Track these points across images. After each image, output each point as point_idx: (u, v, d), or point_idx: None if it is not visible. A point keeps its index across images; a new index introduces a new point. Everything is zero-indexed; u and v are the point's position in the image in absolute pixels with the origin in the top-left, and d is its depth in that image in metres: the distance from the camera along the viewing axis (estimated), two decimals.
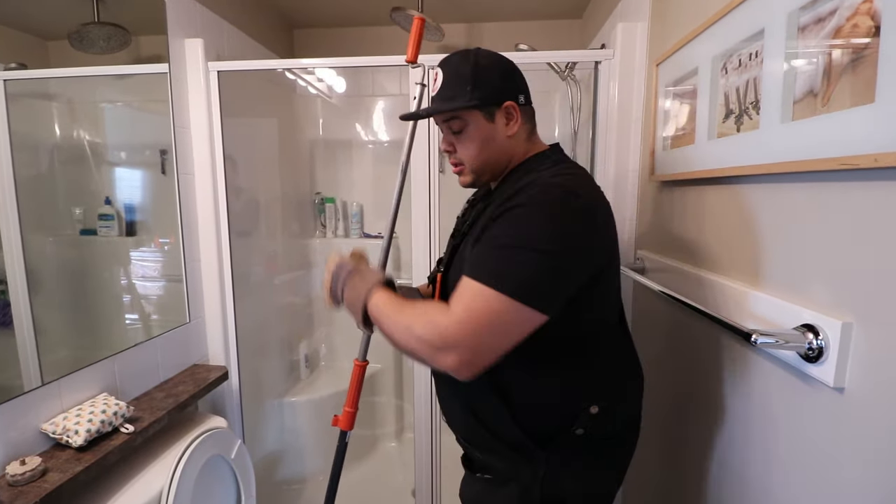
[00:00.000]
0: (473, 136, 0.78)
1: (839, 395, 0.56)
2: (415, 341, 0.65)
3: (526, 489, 0.76)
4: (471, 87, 0.75)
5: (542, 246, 0.63)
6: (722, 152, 0.80)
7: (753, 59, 0.71)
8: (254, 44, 1.74)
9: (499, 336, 0.63)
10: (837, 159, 0.54)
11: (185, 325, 1.38)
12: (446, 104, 0.77)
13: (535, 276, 0.63)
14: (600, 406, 0.73)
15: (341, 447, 1.00)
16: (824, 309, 0.58)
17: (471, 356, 0.62)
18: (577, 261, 0.66)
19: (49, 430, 0.93)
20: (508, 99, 0.77)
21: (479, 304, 0.62)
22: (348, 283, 0.79)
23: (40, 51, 1.03)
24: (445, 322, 0.63)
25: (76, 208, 1.12)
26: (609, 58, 1.29)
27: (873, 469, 0.52)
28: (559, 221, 0.65)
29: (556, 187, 0.68)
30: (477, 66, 0.76)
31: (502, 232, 0.66)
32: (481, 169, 0.80)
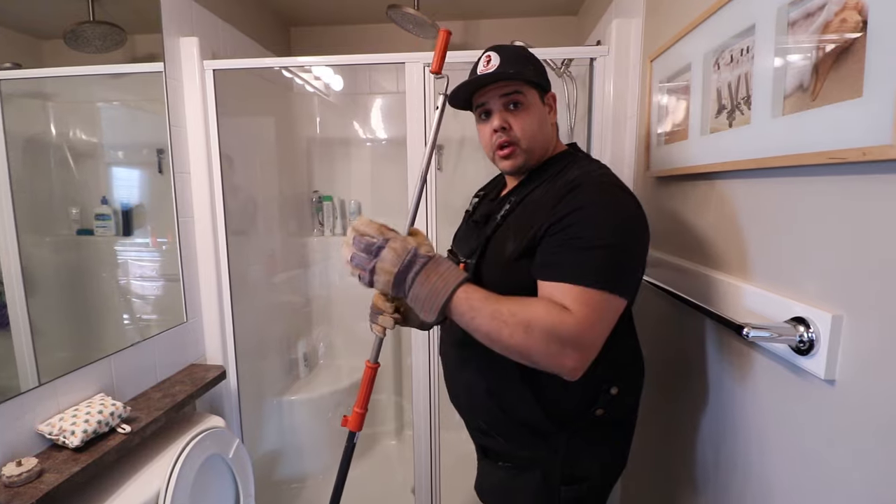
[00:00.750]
0: (532, 114, 0.80)
1: (830, 386, 0.56)
2: (531, 340, 0.64)
3: (548, 472, 0.79)
4: (534, 68, 0.80)
5: (619, 241, 0.68)
6: (714, 147, 0.80)
7: (745, 54, 0.72)
8: (250, 42, 1.74)
9: (605, 331, 0.68)
10: (826, 153, 0.55)
11: (182, 325, 1.38)
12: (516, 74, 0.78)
13: (624, 271, 0.69)
14: (620, 387, 0.78)
15: (349, 448, 0.99)
16: (815, 302, 0.58)
17: (590, 355, 0.66)
18: (644, 247, 0.73)
19: (45, 430, 0.94)
20: (550, 90, 0.83)
21: (592, 305, 0.65)
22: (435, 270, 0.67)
23: (35, 50, 1.02)
24: (564, 323, 0.63)
25: (73, 208, 1.12)
26: (604, 54, 1.29)
27: (863, 459, 0.53)
28: (626, 217, 0.70)
29: (609, 184, 0.73)
30: (532, 55, 0.82)
31: (583, 233, 0.68)
32: (531, 151, 0.80)
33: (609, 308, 0.67)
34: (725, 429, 0.81)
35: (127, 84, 1.28)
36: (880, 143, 0.47)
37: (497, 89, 0.79)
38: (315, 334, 2.26)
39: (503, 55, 0.79)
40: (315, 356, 2.24)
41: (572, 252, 0.68)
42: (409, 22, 1.74)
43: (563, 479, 0.79)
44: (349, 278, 2.38)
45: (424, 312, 0.68)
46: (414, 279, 0.67)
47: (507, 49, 0.80)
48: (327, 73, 2.18)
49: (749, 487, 0.74)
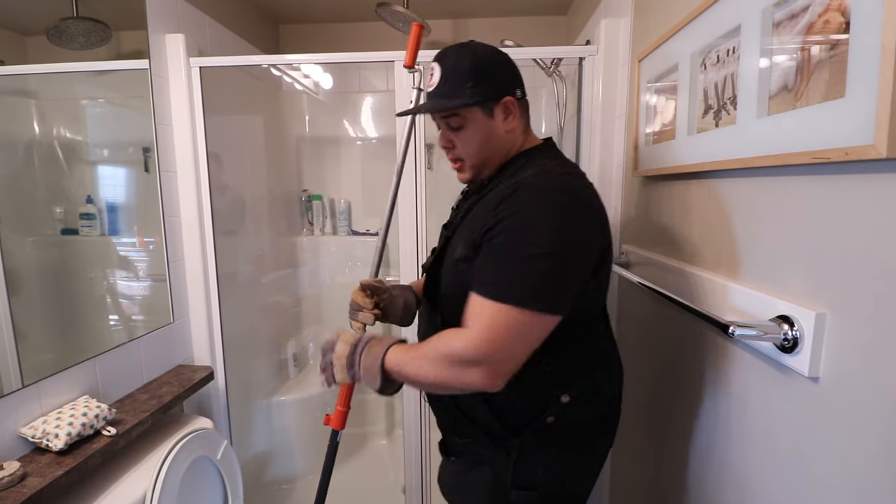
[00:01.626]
0: (473, 132, 0.77)
1: (814, 384, 0.57)
2: (439, 370, 0.67)
3: (498, 474, 0.78)
4: (472, 84, 0.74)
5: (547, 250, 0.64)
6: (701, 147, 0.81)
7: (731, 54, 0.72)
8: (238, 40, 1.72)
9: (520, 346, 0.66)
10: (810, 153, 0.55)
11: (169, 326, 1.36)
12: (446, 101, 0.76)
13: (546, 282, 0.65)
14: (571, 395, 0.75)
15: (332, 447, 1.00)
16: (799, 300, 0.59)
17: (496, 368, 0.65)
18: (580, 259, 0.68)
19: (28, 434, 0.92)
20: (507, 94, 0.76)
21: (498, 320, 0.64)
22: (367, 351, 0.74)
23: (18, 47, 1.00)
24: (464, 344, 0.65)
25: (57, 207, 1.10)
26: (593, 54, 1.30)
27: (846, 456, 0.53)
28: (560, 222, 0.66)
29: (552, 187, 0.69)
30: (475, 60, 0.75)
31: (506, 242, 0.66)
32: (481, 165, 0.80)
33: (522, 323, 0.64)
34: (712, 427, 0.82)
35: (112, 81, 1.26)
36: (862, 143, 0.48)
37: (438, 112, 0.78)
38: (305, 334, 2.25)
39: (443, 69, 0.76)
40: (305, 356, 2.23)
41: (492, 263, 0.67)
42: (399, 20, 1.73)
43: (514, 483, 0.77)
44: (338, 278, 2.37)
45: (373, 384, 0.73)
46: (359, 361, 0.74)
47: (449, 60, 0.76)
48: (317, 72, 2.16)
49: (734, 485, 0.75)
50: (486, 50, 0.77)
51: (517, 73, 0.80)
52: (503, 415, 0.77)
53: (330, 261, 2.23)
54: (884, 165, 0.48)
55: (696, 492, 0.88)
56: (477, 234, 0.71)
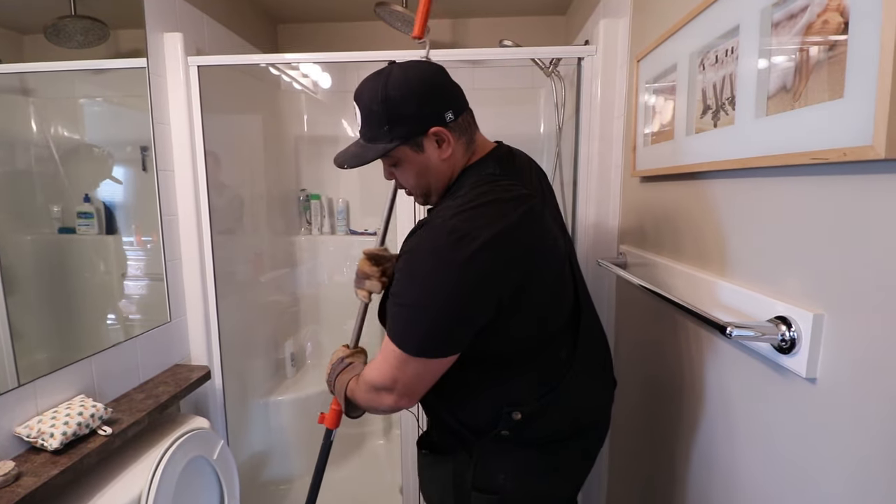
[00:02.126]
0: (407, 168, 0.76)
1: (811, 385, 0.57)
2: (365, 395, 0.77)
3: (460, 471, 0.81)
4: (388, 127, 0.71)
5: (431, 301, 0.66)
6: (699, 148, 0.81)
7: (729, 55, 0.72)
8: (236, 39, 1.71)
9: (416, 381, 0.71)
10: (808, 153, 0.55)
11: (166, 325, 1.36)
12: (368, 150, 0.74)
13: (431, 331, 0.67)
14: (522, 413, 0.74)
15: (326, 445, 1.00)
16: (797, 301, 0.59)
17: (398, 394, 0.73)
18: (470, 307, 0.67)
19: (23, 433, 0.91)
20: (433, 125, 0.71)
21: (389, 357, 0.70)
22: (339, 377, 0.88)
23: (16, 45, 1.00)
24: (371, 374, 0.75)
25: (54, 206, 1.10)
26: (591, 54, 1.30)
27: (843, 457, 0.53)
28: (446, 273, 0.64)
29: (446, 230, 0.65)
30: (387, 101, 0.70)
31: (397, 288, 0.69)
32: (426, 193, 0.81)
33: (412, 366, 0.69)
34: (709, 427, 0.82)
35: (110, 80, 1.26)
36: (861, 144, 0.48)
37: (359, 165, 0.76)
38: (303, 334, 2.25)
39: (361, 111, 0.74)
40: (303, 356, 2.23)
41: (390, 301, 0.71)
42: (398, 20, 1.73)
43: (475, 484, 0.78)
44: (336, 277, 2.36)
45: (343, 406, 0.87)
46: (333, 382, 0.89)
47: (363, 100, 0.73)
48: (315, 71, 2.16)
49: (732, 486, 0.75)
50: (400, 81, 0.70)
51: (446, 93, 0.74)
52: (465, 421, 0.79)
53: (328, 260, 2.23)
54: (882, 166, 0.48)
55: (693, 492, 0.88)
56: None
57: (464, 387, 0.77)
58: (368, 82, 0.74)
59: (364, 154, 0.74)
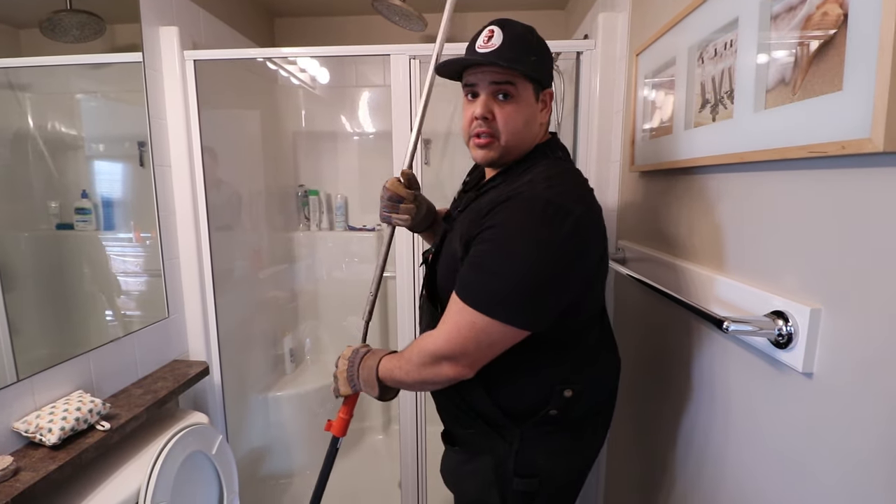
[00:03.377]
0: (519, 109, 0.74)
1: (808, 380, 0.57)
2: (419, 369, 0.73)
3: (500, 462, 0.79)
4: (535, 59, 0.73)
5: (522, 266, 0.65)
6: (698, 142, 0.80)
7: (728, 48, 0.72)
8: (233, 33, 1.70)
9: (485, 348, 0.70)
10: (806, 147, 0.55)
11: (164, 320, 1.36)
12: (520, 62, 0.71)
13: (516, 296, 0.66)
14: (574, 390, 0.76)
15: (332, 452, 0.98)
16: (794, 295, 0.59)
17: (464, 364, 0.70)
18: (562, 279, 0.67)
19: (22, 428, 0.91)
20: (550, 86, 0.77)
21: (462, 323, 0.68)
22: (363, 364, 0.83)
23: (12, 40, 0.99)
24: (433, 342, 0.71)
25: (52, 202, 1.09)
26: (591, 48, 1.29)
27: (840, 452, 0.53)
28: (538, 239, 0.65)
29: (542, 202, 0.66)
30: (539, 41, 0.75)
31: (486, 252, 0.68)
32: (513, 146, 0.76)
33: (487, 330, 0.67)
34: (705, 421, 0.82)
35: (107, 75, 1.25)
36: (859, 137, 0.48)
37: (489, 73, 0.73)
38: (301, 329, 2.25)
39: (507, 35, 0.72)
40: (302, 351, 2.23)
41: (472, 267, 0.70)
42: (396, 13, 1.72)
43: (517, 470, 0.79)
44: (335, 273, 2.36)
45: (373, 392, 0.82)
46: (357, 373, 0.83)
47: (513, 28, 0.73)
48: (313, 66, 2.15)
49: (728, 479, 0.75)
50: (540, 37, 0.76)
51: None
52: (505, 406, 0.78)
53: (327, 256, 2.23)
54: (880, 159, 0.47)
55: (689, 485, 0.88)
56: (468, 234, 0.72)
57: (514, 366, 0.76)
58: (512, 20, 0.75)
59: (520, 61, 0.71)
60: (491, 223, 0.68)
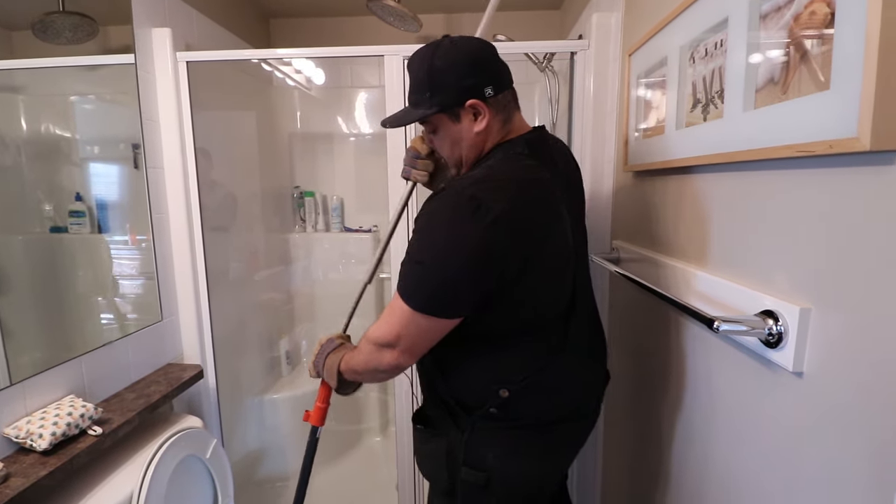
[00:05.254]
0: (444, 136, 0.81)
1: (798, 379, 0.57)
2: (366, 355, 0.79)
3: (452, 448, 0.83)
4: (429, 94, 0.76)
5: (443, 261, 0.69)
6: (689, 141, 0.80)
7: (719, 48, 0.71)
8: (227, 34, 1.69)
9: (416, 336, 0.74)
10: (795, 146, 0.55)
11: (157, 324, 1.35)
12: (409, 113, 0.80)
13: (438, 289, 0.70)
14: (510, 391, 0.77)
15: (312, 443, 1.01)
16: (784, 295, 0.59)
17: (401, 350, 0.75)
18: (478, 271, 0.69)
19: (12, 434, 0.91)
20: (471, 97, 0.75)
21: (395, 312, 0.73)
22: (329, 356, 0.91)
23: (4, 42, 0.99)
24: (375, 329, 0.77)
25: (46, 205, 1.09)
26: (584, 48, 1.29)
27: (829, 450, 0.53)
28: (460, 234, 0.68)
29: (466, 196, 0.68)
30: (432, 70, 0.75)
31: (411, 245, 0.73)
32: (458, 163, 0.84)
33: (416, 322, 0.72)
34: (698, 421, 0.82)
35: (100, 77, 1.24)
36: (847, 136, 0.48)
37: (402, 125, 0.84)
38: (297, 331, 2.24)
39: (410, 77, 0.79)
40: (298, 354, 2.22)
41: (406, 254, 0.74)
42: (390, 14, 1.71)
43: (466, 460, 0.81)
44: (331, 274, 2.35)
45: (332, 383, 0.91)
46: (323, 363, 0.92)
47: (413, 66, 0.79)
48: (308, 67, 2.14)
49: (719, 479, 0.75)
50: (448, 53, 0.75)
51: (489, 69, 0.77)
52: (457, 395, 0.82)
53: (323, 257, 2.22)
54: (867, 158, 0.47)
55: (680, 485, 0.88)
56: None
57: (461, 359, 0.80)
58: (421, 51, 0.79)
59: (405, 117, 0.80)
60: (422, 212, 0.73)
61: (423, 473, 0.92)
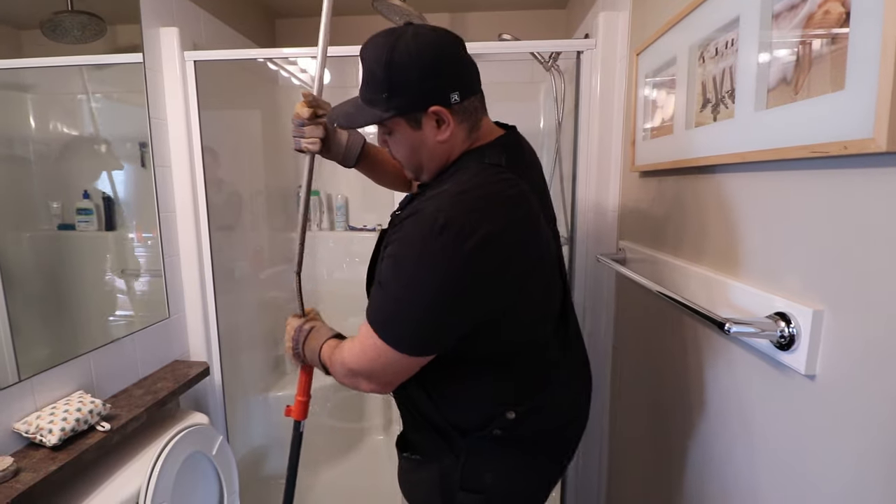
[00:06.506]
0: (400, 141, 0.71)
1: (811, 381, 0.57)
2: (344, 376, 0.75)
3: (446, 473, 0.78)
4: (386, 95, 0.65)
5: (420, 298, 0.62)
6: (699, 141, 0.80)
7: (729, 47, 0.71)
8: (234, 34, 1.70)
9: (390, 373, 0.69)
10: (808, 147, 0.54)
11: (164, 321, 1.36)
12: (363, 113, 0.68)
13: (413, 328, 0.64)
14: (517, 412, 0.73)
15: (296, 437, 1.01)
16: (796, 297, 0.58)
17: (377, 383, 0.71)
18: (461, 309, 0.64)
19: (22, 429, 0.91)
20: (434, 103, 0.65)
21: (367, 345, 0.67)
22: (306, 345, 0.84)
23: (13, 41, 0.99)
24: (349, 357, 0.72)
25: (53, 202, 1.10)
26: (591, 48, 1.28)
27: (842, 454, 0.53)
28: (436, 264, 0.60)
29: (441, 223, 0.60)
30: (391, 66, 0.63)
31: (385, 275, 0.66)
32: (416, 170, 0.75)
33: (389, 357, 0.66)
34: (708, 424, 0.81)
35: (108, 76, 1.25)
36: (862, 137, 0.47)
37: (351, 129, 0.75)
38: None
39: (364, 70, 0.68)
40: None
41: (377, 284, 0.68)
42: (396, 14, 1.71)
43: (463, 484, 0.76)
44: (336, 273, 2.35)
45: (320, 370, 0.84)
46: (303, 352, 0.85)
47: (368, 58, 0.67)
48: (313, 66, 2.14)
49: (731, 482, 0.75)
50: (409, 47, 0.64)
51: (455, 73, 0.67)
52: (452, 420, 0.76)
53: (328, 256, 2.22)
54: (883, 159, 0.47)
55: (692, 488, 0.88)
56: (383, 248, 0.70)
57: (457, 385, 0.74)
58: (377, 39, 0.66)
59: (357, 117, 0.69)
60: (394, 238, 0.65)
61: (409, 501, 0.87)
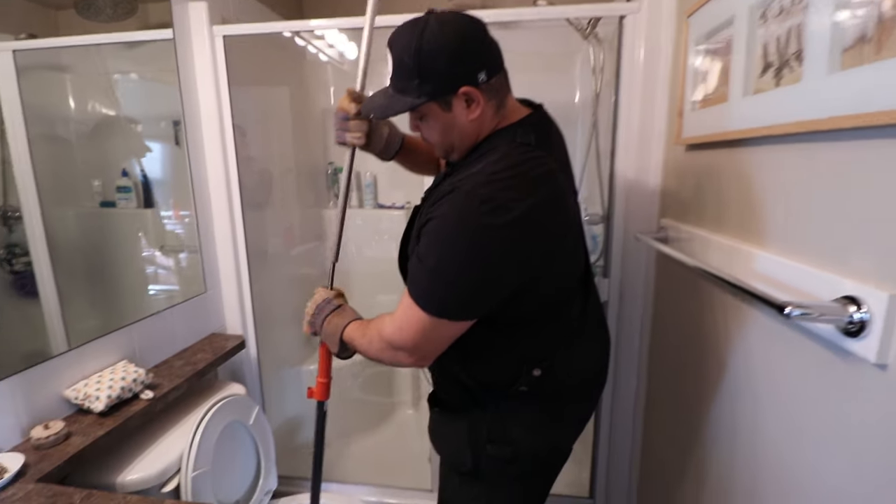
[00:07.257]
0: (433, 124, 0.75)
1: (881, 371, 0.52)
2: (378, 350, 0.77)
3: (474, 426, 0.83)
4: (418, 81, 0.70)
5: (460, 267, 0.66)
6: (758, 110, 0.73)
7: (797, 4, 0.64)
8: (261, 7, 1.68)
9: (433, 342, 0.73)
10: (890, 112, 0.48)
11: (202, 295, 1.39)
12: (396, 101, 0.73)
13: (455, 295, 0.68)
14: (543, 368, 0.78)
15: (320, 417, 1.04)
16: (868, 279, 0.53)
17: (417, 355, 0.74)
18: (498, 275, 0.68)
19: (71, 395, 0.96)
20: (464, 84, 0.69)
21: (411, 318, 0.70)
22: (329, 319, 0.87)
23: (49, 20, 1.01)
24: (389, 331, 0.74)
25: (95, 180, 1.13)
26: (635, 12, 1.20)
27: None
28: (478, 242, 0.65)
29: (479, 198, 0.65)
30: (420, 54, 0.68)
31: (424, 249, 0.70)
32: (447, 150, 0.79)
33: (431, 326, 0.69)
34: (756, 415, 0.77)
35: (142, 55, 1.26)
36: None
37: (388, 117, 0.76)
38: None
39: (394, 59, 0.71)
40: None
41: (417, 258, 0.71)
42: None
43: (490, 436, 0.81)
44: (365, 250, 2.36)
45: (332, 348, 0.87)
46: (322, 325, 0.88)
47: (397, 48, 0.70)
48: (341, 41, 2.10)
49: (784, 479, 0.71)
50: (437, 34, 0.67)
51: (481, 52, 0.71)
52: (480, 378, 0.81)
53: (356, 234, 2.23)
54: None
55: (735, 479, 0.84)
56: (420, 222, 0.74)
57: (487, 346, 0.78)
58: (404, 30, 0.71)
59: (392, 105, 0.73)
60: (432, 215, 0.69)
61: (441, 455, 0.92)
